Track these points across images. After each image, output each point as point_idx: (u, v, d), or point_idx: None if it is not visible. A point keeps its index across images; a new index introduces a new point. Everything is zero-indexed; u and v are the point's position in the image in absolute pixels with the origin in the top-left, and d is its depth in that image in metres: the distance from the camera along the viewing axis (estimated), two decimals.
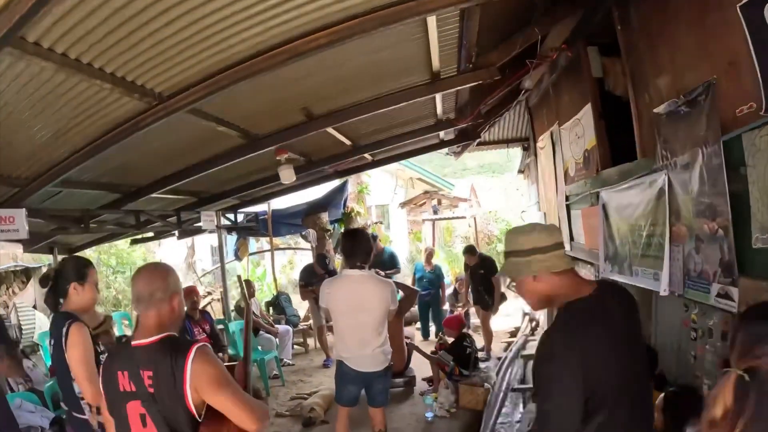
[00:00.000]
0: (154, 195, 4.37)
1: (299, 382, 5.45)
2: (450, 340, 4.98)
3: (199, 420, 1.45)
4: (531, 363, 5.29)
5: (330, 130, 3.90)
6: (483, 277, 5.92)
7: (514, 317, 7.77)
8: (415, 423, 4.12)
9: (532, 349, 5.82)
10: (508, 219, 11.43)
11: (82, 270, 2.22)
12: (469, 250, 6.24)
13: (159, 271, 1.60)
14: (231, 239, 8.19)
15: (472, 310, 6.74)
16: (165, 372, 1.42)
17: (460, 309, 7.36)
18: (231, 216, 6.43)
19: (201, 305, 6.40)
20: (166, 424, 1.43)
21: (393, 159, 6.22)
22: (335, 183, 7.46)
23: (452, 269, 10.08)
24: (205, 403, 1.45)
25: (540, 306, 1.54)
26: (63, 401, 2.26)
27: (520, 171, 8.53)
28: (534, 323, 6.85)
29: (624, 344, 1.40)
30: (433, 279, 7.18)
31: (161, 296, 1.51)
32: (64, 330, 2.02)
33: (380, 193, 9.11)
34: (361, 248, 3.01)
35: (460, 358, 4.51)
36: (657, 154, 2.78)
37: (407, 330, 5.16)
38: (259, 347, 5.47)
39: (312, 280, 5.90)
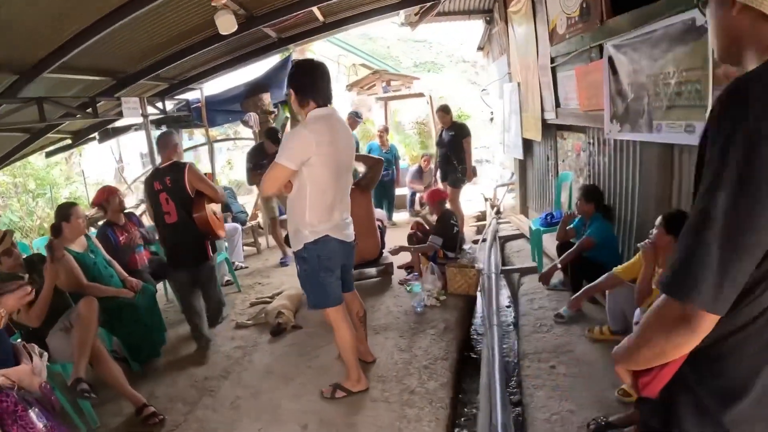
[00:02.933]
0: (55, 75, 3.42)
1: (257, 285, 4.78)
2: (429, 219, 4.50)
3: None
4: (509, 245, 5.21)
5: None
6: (453, 142, 5.42)
7: (475, 202, 7.57)
8: (404, 316, 3.66)
9: (505, 231, 5.61)
10: (459, 105, 10.83)
11: None
12: (444, 108, 5.65)
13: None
14: None
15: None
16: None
17: (424, 191, 6.99)
18: (159, 105, 5.39)
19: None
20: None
21: (347, 21, 5.22)
22: (276, 60, 6.36)
23: (408, 152, 9.59)
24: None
25: (725, 53, 0.91)
26: None
27: (480, 48, 7.82)
28: (495, 208, 6.63)
29: None
30: (390, 159, 6.72)
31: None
32: None
33: None
34: (324, 83, 2.39)
35: (446, 240, 4.08)
36: None
37: (377, 212, 4.51)
38: None
39: (263, 160, 5.05)
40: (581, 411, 2.35)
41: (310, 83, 2.36)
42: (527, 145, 5.43)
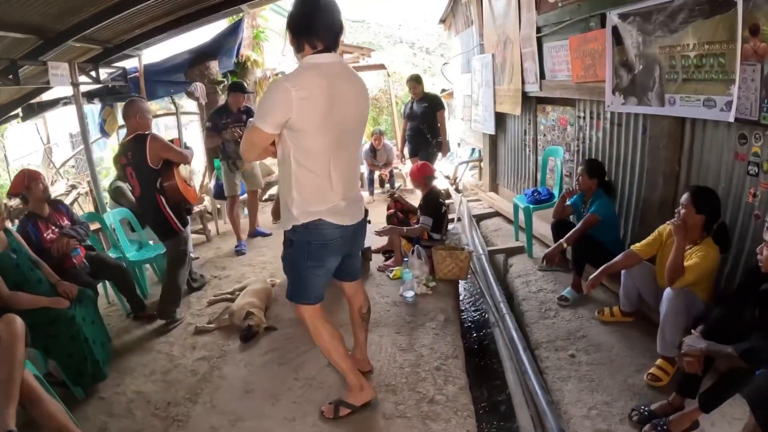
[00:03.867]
0: None
1: (213, 279, 4.13)
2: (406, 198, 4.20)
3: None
4: (484, 224, 5.06)
5: None
6: (426, 114, 5.15)
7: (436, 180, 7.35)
8: (394, 308, 3.30)
9: (476, 210, 5.46)
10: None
11: None
12: (416, 78, 5.33)
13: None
14: (94, 111, 6.16)
15: (405, 169, 5.99)
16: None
17: (382, 169, 6.66)
18: (93, 73, 4.63)
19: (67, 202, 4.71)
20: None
21: None
22: (224, 25, 5.64)
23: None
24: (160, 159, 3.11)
25: None
26: None
27: (442, 21, 7.54)
28: (454, 186, 6.49)
29: None
30: None
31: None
32: None
33: (268, 58, 7.36)
34: (326, 19, 1.80)
35: (434, 220, 3.80)
36: None
37: None
38: (150, 241, 4.23)
39: (226, 119, 4.36)
40: (616, 401, 2.27)
41: (305, 18, 1.79)
42: (500, 119, 5.26)
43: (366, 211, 2.19)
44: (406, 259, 3.62)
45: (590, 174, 3.17)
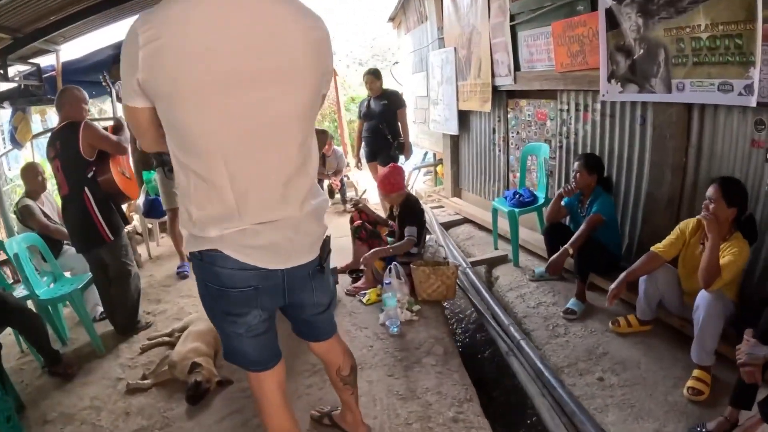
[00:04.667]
0: None
1: (147, 315, 3.44)
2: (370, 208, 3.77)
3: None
4: (453, 232, 4.76)
5: None
6: (386, 112, 4.77)
7: None
8: (378, 343, 2.79)
9: (444, 217, 5.17)
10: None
11: None
12: (374, 73, 4.89)
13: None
14: (2, 116, 5.33)
15: (359, 176, 5.55)
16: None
17: (332, 177, 6.20)
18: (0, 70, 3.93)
19: None
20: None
21: None
22: None
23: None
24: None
25: None
26: None
27: (391, 19, 7.27)
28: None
29: None
30: None
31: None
32: None
33: None
34: None
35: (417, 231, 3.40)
36: None
37: None
38: (66, 273, 3.51)
39: None
40: (665, 426, 2.02)
41: None
42: (463, 118, 5.02)
43: (325, 247, 1.46)
44: (387, 281, 3.13)
45: (589, 170, 2.95)
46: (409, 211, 3.41)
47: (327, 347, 1.68)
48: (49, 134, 3.11)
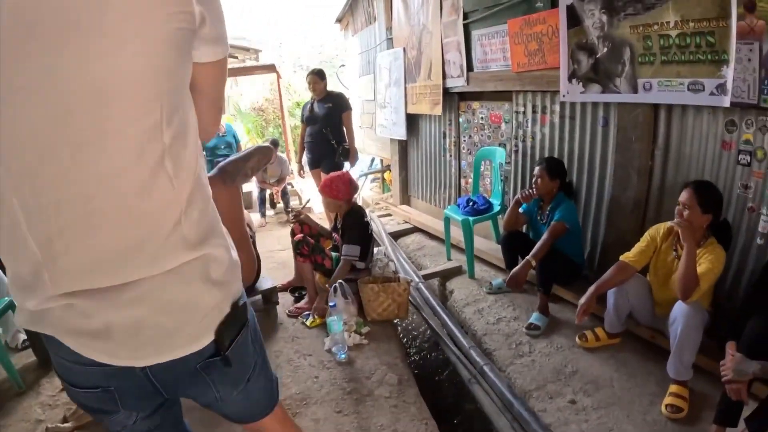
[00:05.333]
0: None
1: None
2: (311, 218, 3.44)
3: None
4: (401, 242, 4.52)
5: None
6: (330, 116, 4.47)
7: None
8: (324, 373, 2.50)
9: (393, 226, 4.93)
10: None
11: None
12: (318, 73, 4.56)
13: None
14: None
15: (303, 184, 5.23)
16: None
17: (275, 186, 5.81)
18: None
19: None
20: None
21: None
22: None
23: (251, 139, 8.08)
24: None
25: None
26: None
27: (338, 20, 7.06)
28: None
29: None
30: (231, 142, 5.39)
31: None
32: None
33: None
34: None
35: (362, 247, 3.11)
36: None
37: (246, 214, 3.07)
38: None
39: None
40: None
41: None
42: (412, 122, 4.83)
43: (229, 325, 0.90)
44: (332, 303, 2.80)
45: (551, 175, 2.82)
46: (353, 225, 3.12)
47: (261, 427, 1.16)
48: None
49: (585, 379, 2.29)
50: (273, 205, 6.17)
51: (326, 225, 4.35)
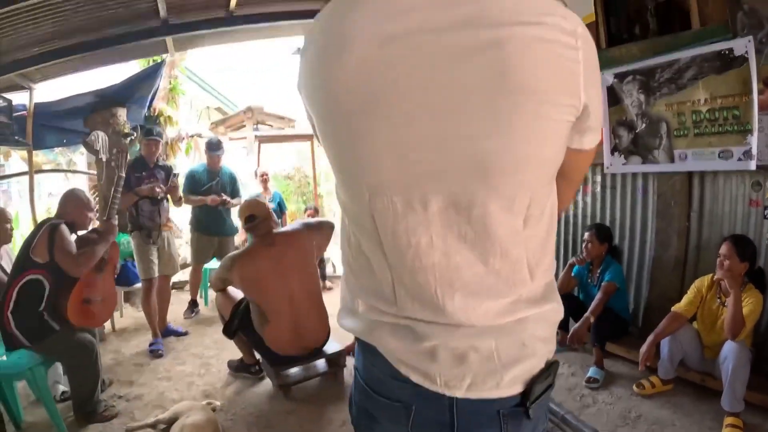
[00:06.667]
0: None
1: (116, 400, 3.01)
2: None
3: None
4: None
5: None
6: None
7: None
8: None
9: None
10: None
11: None
12: None
13: None
14: None
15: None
16: None
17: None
18: None
19: None
20: None
21: (260, 19, 4.19)
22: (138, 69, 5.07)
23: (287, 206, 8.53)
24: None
25: None
26: None
27: None
28: None
29: None
30: (276, 210, 5.83)
31: None
32: None
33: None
34: None
35: None
36: (738, 20, 2.59)
37: None
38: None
39: (140, 173, 3.84)
40: None
41: None
42: None
43: (533, 383, 0.85)
44: None
45: (601, 240, 3.21)
46: None
47: None
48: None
49: (649, 421, 2.53)
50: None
51: None
